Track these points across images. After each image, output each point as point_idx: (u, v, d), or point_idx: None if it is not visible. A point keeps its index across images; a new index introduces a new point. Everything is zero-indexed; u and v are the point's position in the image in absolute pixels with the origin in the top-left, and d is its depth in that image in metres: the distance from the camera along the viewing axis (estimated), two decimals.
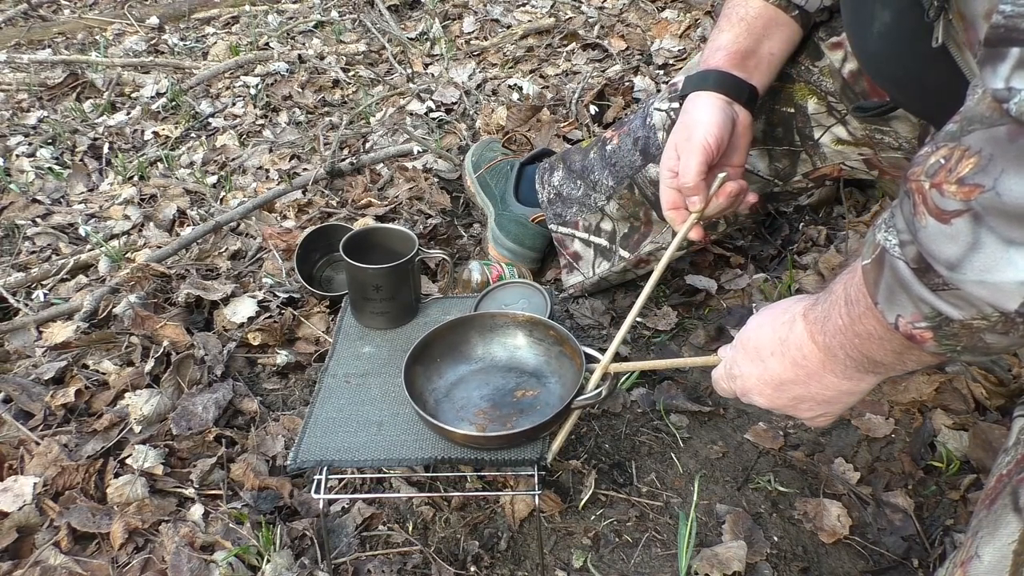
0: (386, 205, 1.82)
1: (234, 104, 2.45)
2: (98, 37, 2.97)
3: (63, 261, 1.71)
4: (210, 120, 2.38)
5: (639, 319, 1.48)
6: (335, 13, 2.97)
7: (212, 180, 2.04)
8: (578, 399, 0.99)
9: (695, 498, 1.14)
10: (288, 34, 2.88)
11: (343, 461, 1.01)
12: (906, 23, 0.85)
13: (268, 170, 2.07)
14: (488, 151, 1.76)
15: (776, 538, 1.13)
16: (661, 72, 2.31)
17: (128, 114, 2.43)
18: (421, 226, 1.75)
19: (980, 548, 0.74)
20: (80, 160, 2.20)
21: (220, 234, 1.78)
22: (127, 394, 1.32)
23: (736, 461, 1.24)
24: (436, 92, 2.32)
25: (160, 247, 1.71)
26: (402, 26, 2.85)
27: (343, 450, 1.02)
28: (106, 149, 2.23)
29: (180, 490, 1.20)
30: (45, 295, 1.63)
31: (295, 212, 1.83)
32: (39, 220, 1.93)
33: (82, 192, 2.08)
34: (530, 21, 2.75)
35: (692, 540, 1.06)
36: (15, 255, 1.81)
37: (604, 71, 2.36)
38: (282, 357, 1.43)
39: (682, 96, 1.16)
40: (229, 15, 3.11)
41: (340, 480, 1.20)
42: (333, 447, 1.02)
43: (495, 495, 1.18)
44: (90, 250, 1.77)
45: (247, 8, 3.10)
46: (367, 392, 1.12)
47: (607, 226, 1.47)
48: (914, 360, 0.72)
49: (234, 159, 2.14)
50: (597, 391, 1.00)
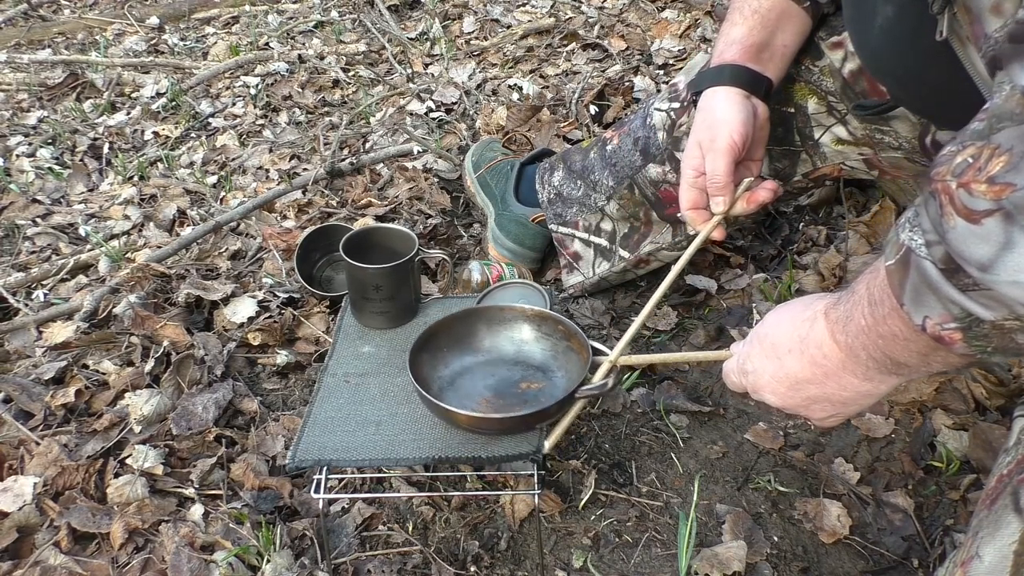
0: (386, 205, 1.82)
1: (234, 104, 2.45)
2: (98, 37, 2.97)
3: (63, 261, 1.71)
4: (210, 120, 2.38)
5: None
6: (335, 13, 2.97)
7: (212, 180, 2.04)
8: (583, 388, 0.98)
9: (695, 498, 1.14)
10: (288, 34, 2.88)
11: (341, 460, 1.01)
12: (908, 18, 0.84)
13: (268, 170, 2.07)
14: (488, 151, 1.76)
15: (776, 538, 1.13)
16: (661, 72, 2.31)
17: (128, 114, 2.43)
18: (421, 226, 1.74)
19: (981, 548, 0.74)
20: (80, 160, 2.20)
21: (220, 234, 1.78)
22: (127, 394, 1.32)
23: (736, 461, 1.24)
24: (436, 92, 2.32)
25: (160, 247, 1.71)
26: (402, 26, 2.85)
27: (341, 449, 1.02)
28: (106, 149, 2.23)
29: (180, 490, 1.20)
30: (45, 295, 1.63)
31: (295, 212, 1.83)
32: (39, 220, 1.93)
33: (82, 192, 2.08)
34: (530, 21, 2.75)
35: (692, 540, 1.06)
36: (15, 255, 1.81)
37: (604, 71, 2.36)
38: (282, 357, 1.43)
39: (697, 91, 1.15)
40: (229, 15, 3.11)
41: (340, 480, 1.20)
42: (331, 446, 1.02)
43: (495, 495, 1.18)
44: (90, 250, 1.77)
45: (247, 8, 3.10)
46: (366, 391, 1.12)
47: (607, 226, 1.47)
48: (940, 362, 0.70)
49: (234, 159, 2.14)
50: (603, 383, 0.99)
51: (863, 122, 1.16)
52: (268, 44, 2.80)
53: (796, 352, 0.82)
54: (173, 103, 2.46)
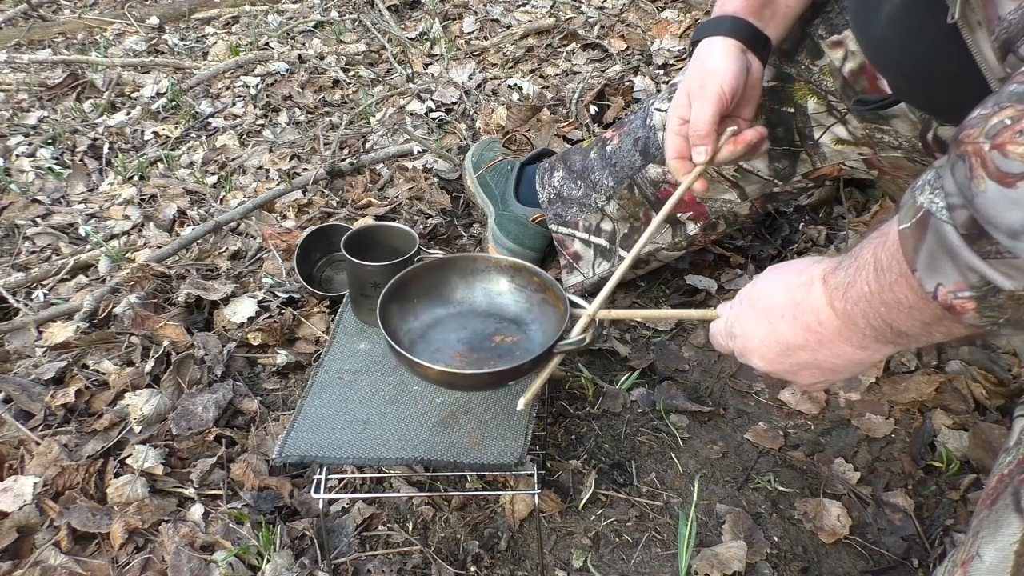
0: (386, 205, 1.82)
1: (234, 104, 2.45)
2: (98, 37, 2.97)
3: (63, 261, 1.71)
4: (210, 120, 2.38)
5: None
6: (335, 13, 2.97)
7: (212, 180, 2.04)
8: (561, 343, 0.95)
9: (695, 498, 1.15)
10: (288, 34, 2.88)
11: (325, 457, 1.01)
12: (917, 6, 0.84)
13: (268, 170, 2.07)
14: (488, 151, 1.76)
15: (776, 538, 1.13)
16: (661, 72, 2.31)
17: (128, 114, 2.43)
18: (421, 226, 1.74)
19: (981, 548, 0.74)
20: (80, 160, 2.20)
21: (220, 234, 1.78)
22: (127, 394, 1.32)
23: (736, 461, 1.24)
24: (436, 92, 2.32)
25: (160, 247, 1.71)
26: (402, 26, 2.85)
27: (327, 446, 1.02)
28: (106, 149, 2.23)
29: (180, 490, 1.20)
30: (45, 295, 1.63)
31: (295, 212, 1.83)
32: (39, 220, 1.92)
33: (82, 192, 2.08)
34: (530, 21, 2.75)
35: (692, 540, 1.06)
36: (15, 255, 1.81)
37: (604, 71, 2.35)
38: (282, 357, 1.43)
39: (694, 41, 1.12)
40: (229, 15, 3.11)
41: (340, 480, 1.20)
42: (318, 443, 1.02)
43: (495, 495, 1.18)
44: (90, 250, 1.77)
45: (247, 8, 3.09)
46: (357, 389, 1.12)
47: (607, 226, 1.47)
48: (943, 332, 0.68)
49: (234, 159, 2.14)
50: (581, 337, 0.95)
51: (863, 120, 1.16)
52: (268, 44, 2.80)
53: (789, 317, 0.79)
54: (173, 103, 2.46)
